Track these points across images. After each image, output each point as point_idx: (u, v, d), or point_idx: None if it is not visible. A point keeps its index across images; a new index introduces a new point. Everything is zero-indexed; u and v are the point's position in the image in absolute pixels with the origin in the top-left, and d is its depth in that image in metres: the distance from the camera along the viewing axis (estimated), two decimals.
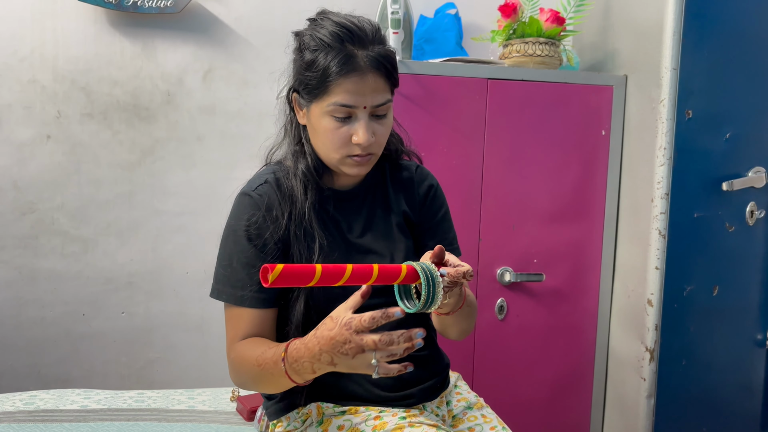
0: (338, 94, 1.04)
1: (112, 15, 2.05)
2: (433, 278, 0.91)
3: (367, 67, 1.04)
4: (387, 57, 1.07)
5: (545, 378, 2.01)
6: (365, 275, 0.88)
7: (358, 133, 1.06)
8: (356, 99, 1.05)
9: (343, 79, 1.03)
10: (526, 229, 1.94)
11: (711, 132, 1.85)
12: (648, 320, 1.85)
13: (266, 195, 1.14)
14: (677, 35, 1.75)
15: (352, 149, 1.08)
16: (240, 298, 1.11)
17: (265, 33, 2.15)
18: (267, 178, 1.17)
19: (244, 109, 2.17)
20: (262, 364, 1.02)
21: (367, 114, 1.07)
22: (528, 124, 1.90)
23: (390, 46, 1.11)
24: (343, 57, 1.03)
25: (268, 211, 1.12)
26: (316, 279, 0.85)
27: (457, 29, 2.14)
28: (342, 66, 1.03)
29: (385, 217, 1.22)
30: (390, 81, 1.09)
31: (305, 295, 1.12)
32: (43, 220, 2.08)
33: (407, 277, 0.91)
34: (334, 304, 1.13)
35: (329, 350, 0.93)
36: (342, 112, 1.05)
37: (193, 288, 2.18)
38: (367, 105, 1.06)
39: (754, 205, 1.92)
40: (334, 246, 1.16)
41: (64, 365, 2.14)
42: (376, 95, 1.06)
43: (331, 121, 1.07)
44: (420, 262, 0.93)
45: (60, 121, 2.06)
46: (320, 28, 1.07)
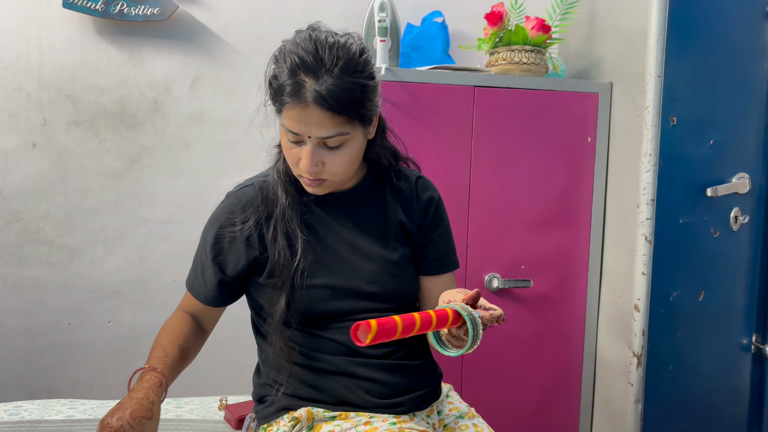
0: (286, 119, 1.05)
1: (99, 23, 2.05)
2: (476, 322, 0.94)
3: (311, 102, 1.01)
4: (337, 94, 1.01)
5: (534, 384, 2.02)
6: (428, 322, 0.92)
7: (302, 159, 1.07)
8: (300, 128, 1.04)
9: (289, 107, 1.03)
10: (513, 235, 1.95)
11: (695, 138, 1.87)
12: (635, 326, 1.86)
13: (245, 197, 1.18)
14: (661, 43, 1.77)
15: (301, 170, 1.09)
16: (190, 284, 1.25)
17: (253, 41, 2.15)
18: (255, 180, 1.21)
19: (231, 117, 2.16)
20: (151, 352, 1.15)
21: (313, 143, 1.05)
22: (515, 131, 1.92)
23: (360, 78, 1.04)
24: (292, 84, 1.02)
25: (242, 213, 1.16)
26: (399, 331, 0.89)
27: (444, 37, 2.15)
28: (288, 94, 1.02)
29: (381, 223, 1.22)
30: (343, 116, 1.03)
31: (287, 292, 1.14)
32: (29, 229, 2.06)
33: (453, 321, 0.95)
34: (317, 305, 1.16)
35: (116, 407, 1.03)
36: (291, 136, 1.06)
37: (181, 296, 2.14)
38: (311, 135, 1.04)
39: (738, 211, 1.94)
40: (323, 247, 1.17)
41: (49, 375, 2.12)
42: (320, 128, 1.03)
43: (286, 140, 1.08)
44: (461, 305, 0.96)
45: (45, 129, 2.05)
46: (292, 45, 1.06)
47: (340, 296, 1.16)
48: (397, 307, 1.21)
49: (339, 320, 1.16)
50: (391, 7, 1.99)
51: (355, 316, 1.16)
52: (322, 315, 1.16)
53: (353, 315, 1.16)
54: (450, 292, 1.06)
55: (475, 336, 0.94)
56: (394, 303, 1.20)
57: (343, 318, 1.16)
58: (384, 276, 1.18)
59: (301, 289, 1.14)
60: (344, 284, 1.16)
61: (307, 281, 1.14)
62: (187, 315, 1.25)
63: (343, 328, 1.15)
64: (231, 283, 1.20)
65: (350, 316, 1.16)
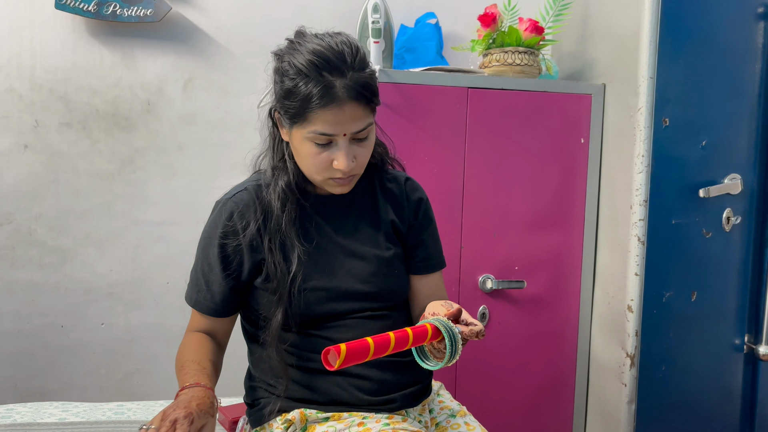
0: (317, 124, 1.05)
1: (91, 24, 2.04)
2: (455, 337, 0.97)
3: (346, 97, 1.04)
4: (366, 84, 1.06)
5: (527, 384, 2.02)
6: (404, 340, 0.95)
7: (339, 159, 1.08)
8: (336, 128, 1.05)
9: (322, 110, 1.03)
10: (507, 236, 1.95)
11: (687, 139, 1.88)
12: (628, 326, 1.87)
13: (241, 201, 1.17)
14: (654, 45, 1.78)
15: (333, 173, 1.10)
16: (194, 300, 1.21)
17: (246, 42, 2.15)
18: (248, 185, 1.20)
19: (224, 118, 2.16)
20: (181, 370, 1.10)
21: (347, 140, 1.08)
22: (508, 133, 1.92)
23: (370, 68, 1.10)
24: (321, 88, 1.02)
25: (240, 218, 1.15)
26: (371, 353, 0.91)
27: (438, 39, 2.16)
28: (320, 98, 1.03)
29: (373, 224, 1.23)
30: (370, 106, 1.08)
31: (284, 305, 1.14)
32: (20, 231, 2.05)
33: (433, 336, 0.97)
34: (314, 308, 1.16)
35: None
36: (322, 139, 1.07)
37: (174, 298, 2.16)
38: (347, 133, 1.07)
39: (730, 212, 1.95)
40: (317, 251, 1.18)
41: (41, 378, 2.11)
42: (355, 122, 1.06)
43: (312, 147, 1.08)
44: (441, 320, 0.99)
45: (38, 131, 2.04)
46: (297, 54, 1.06)
47: (336, 298, 1.17)
48: (391, 306, 1.23)
49: (334, 320, 1.17)
50: (384, 9, 1.99)
51: (351, 315, 1.18)
52: (318, 317, 1.17)
53: (349, 315, 1.18)
54: (435, 305, 1.08)
55: (453, 351, 0.96)
56: (389, 302, 1.22)
57: (338, 318, 1.18)
58: (378, 276, 1.20)
59: (297, 293, 1.14)
60: (339, 285, 1.17)
61: (302, 285, 1.15)
62: (202, 333, 1.21)
63: (338, 327, 1.17)
64: (242, 288, 1.19)
65: (346, 317, 1.18)
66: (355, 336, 1.14)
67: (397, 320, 1.23)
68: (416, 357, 1.02)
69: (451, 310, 1.02)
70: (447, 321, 0.98)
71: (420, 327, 0.97)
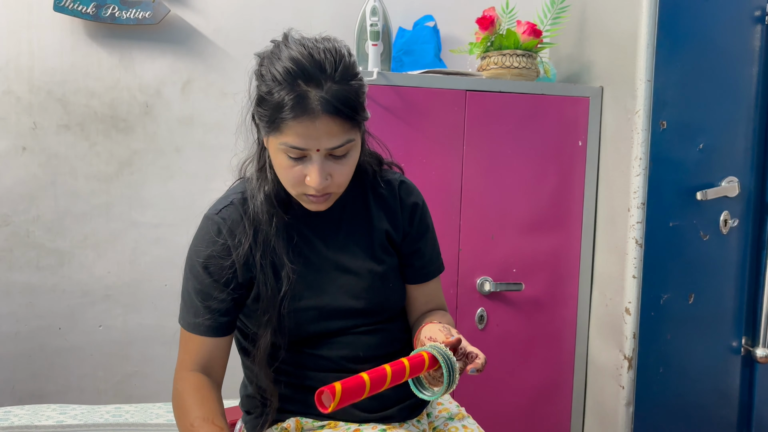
0: (289, 136, 0.96)
1: (90, 26, 2.04)
2: (453, 366, 0.93)
3: (319, 110, 0.94)
4: (345, 98, 0.96)
5: (525, 387, 2.02)
6: (401, 372, 0.90)
7: (311, 176, 0.99)
8: (307, 142, 0.96)
9: (294, 122, 0.95)
10: (505, 238, 1.95)
11: (685, 142, 1.88)
12: (626, 328, 1.87)
13: (229, 218, 1.10)
14: (651, 48, 1.78)
15: (306, 189, 1.02)
16: (193, 324, 1.10)
17: (244, 44, 2.15)
18: (233, 198, 1.13)
19: (222, 120, 2.16)
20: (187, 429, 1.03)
21: (321, 156, 0.99)
22: (506, 135, 1.92)
23: (357, 79, 1.00)
24: (294, 97, 0.94)
25: (230, 236, 1.08)
26: (367, 390, 0.86)
27: (436, 41, 2.16)
28: (291, 108, 0.94)
29: (365, 236, 1.17)
30: (351, 121, 0.98)
31: (273, 326, 1.09)
32: (18, 233, 2.05)
33: (430, 365, 0.93)
34: (305, 327, 1.12)
35: None
36: (294, 153, 0.98)
37: (172, 300, 2.16)
38: (320, 148, 0.98)
39: (727, 214, 1.95)
40: (307, 268, 1.12)
41: (39, 380, 2.11)
42: (330, 138, 0.97)
43: (285, 159, 1.00)
44: (439, 348, 0.94)
45: (36, 133, 2.04)
46: (276, 59, 0.98)
47: (328, 316, 1.12)
48: (386, 319, 1.18)
49: (328, 338, 1.14)
50: (382, 12, 2.00)
51: (345, 333, 1.14)
52: (310, 336, 1.13)
53: (342, 333, 1.14)
54: (433, 329, 1.04)
55: (450, 381, 0.92)
56: (382, 316, 1.18)
57: (332, 336, 1.14)
58: (371, 290, 1.15)
59: (287, 313, 1.10)
60: (331, 303, 1.12)
61: (293, 305, 1.10)
62: (198, 375, 1.10)
63: (332, 344, 1.13)
64: (240, 301, 1.12)
65: (339, 335, 1.14)
66: (350, 353, 1.12)
67: (393, 332, 1.19)
68: (412, 386, 0.97)
69: (450, 339, 0.96)
70: (445, 349, 0.93)
71: (417, 357, 0.92)
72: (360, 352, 1.13)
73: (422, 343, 1.03)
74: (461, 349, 0.98)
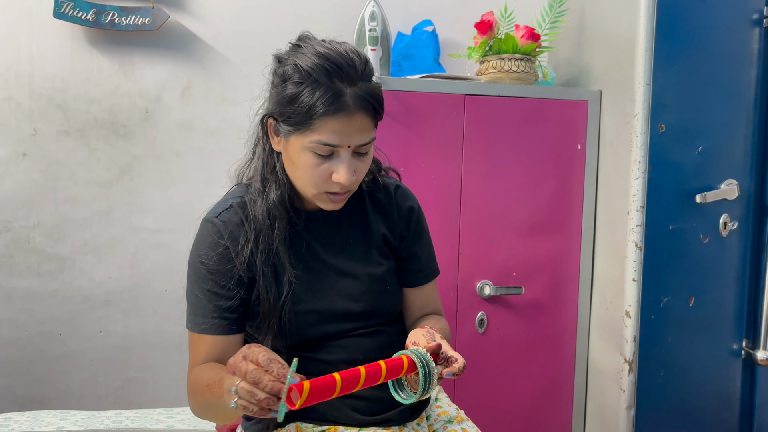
0: (323, 133, 0.99)
1: (90, 32, 2.05)
2: (430, 371, 0.93)
3: (355, 107, 0.98)
4: (375, 95, 1.02)
5: (526, 390, 2.02)
6: (376, 374, 0.90)
7: (340, 172, 1.02)
8: (341, 138, 0.99)
9: (330, 118, 0.97)
10: (504, 242, 1.95)
11: (684, 145, 1.89)
12: (626, 332, 1.87)
13: (230, 222, 1.10)
14: (649, 51, 1.79)
15: (330, 186, 1.04)
16: (202, 326, 1.09)
17: (244, 50, 2.16)
18: (232, 202, 1.13)
19: (222, 126, 2.16)
20: (211, 385, 0.98)
21: (350, 152, 1.02)
22: (505, 139, 1.93)
23: (376, 81, 1.05)
24: (332, 95, 0.97)
25: (232, 240, 1.09)
26: (338, 390, 0.86)
27: (435, 46, 2.16)
28: (329, 105, 0.97)
29: (363, 240, 1.19)
30: (376, 118, 1.04)
31: (273, 332, 1.09)
32: (19, 239, 2.06)
33: (409, 369, 0.94)
34: (305, 331, 1.12)
35: None
36: (325, 150, 1.01)
37: (172, 305, 2.16)
38: (351, 144, 1.01)
39: (727, 217, 1.95)
40: (307, 272, 1.13)
41: (39, 386, 2.11)
42: (362, 135, 1.01)
43: (312, 157, 1.02)
44: (419, 352, 0.94)
45: (36, 139, 2.04)
46: (303, 57, 1.00)
47: (328, 320, 1.13)
48: (384, 322, 1.19)
49: (327, 342, 1.14)
50: (381, 17, 2.00)
51: (344, 336, 1.15)
52: (311, 340, 1.13)
53: (341, 336, 1.15)
54: (416, 334, 1.04)
55: (426, 386, 0.93)
56: (381, 319, 1.19)
57: (331, 339, 1.14)
58: (370, 294, 1.16)
59: (287, 317, 1.10)
60: (330, 307, 1.13)
61: (293, 308, 1.11)
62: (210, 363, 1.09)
63: (331, 348, 1.14)
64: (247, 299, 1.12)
65: (338, 338, 1.15)
66: (348, 356, 1.13)
67: (391, 335, 1.20)
68: (390, 388, 0.98)
69: (431, 344, 0.97)
70: (425, 353, 0.94)
71: (395, 360, 0.93)
72: (359, 355, 1.14)
73: (406, 347, 1.03)
74: (442, 354, 0.99)
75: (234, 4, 2.14)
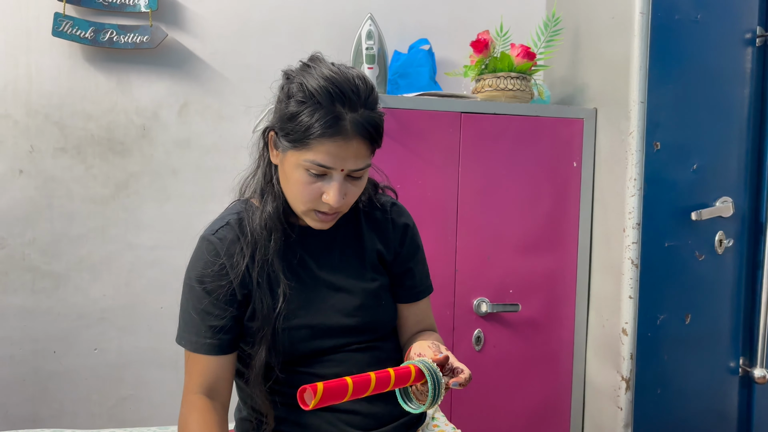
0: (318, 154, 1.00)
1: (88, 50, 2.06)
2: (439, 381, 0.95)
3: (353, 133, 0.99)
4: (375, 124, 1.02)
5: (523, 408, 2.01)
6: (386, 381, 0.92)
7: (330, 193, 1.03)
8: (335, 161, 1.00)
9: (326, 140, 0.98)
10: (501, 259, 1.95)
11: (679, 163, 1.90)
12: (623, 349, 1.86)
13: (226, 239, 1.11)
14: (644, 70, 1.80)
15: (319, 205, 1.06)
16: (196, 344, 1.10)
17: (241, 68, 2.17)
18: (229, 219, 1.14)
19: (219, 143, 2.17)
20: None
21: (342, 176, 1.03)
22: (501, 157, 1.93)
23: (380, 110, 1.06)
24: (331, 118, 0.98)
25: (228, 257, 1.10)
26: (349, 393, 0.88)
27: (431, 64, 2.18)
28: (327, 127, 0.98)
29: (357, 256, 1.19)
30: (374, 146, 1.05)
31: (267, 343, 1.10)
32: (13, 256, 2.05)
33: (416, 378, 0.95)
34: (298, 346, 1.12)
35: None
36: (318, 170, 1.02)
37: (167, 323, 2.15)
38: (345, 168, 1.02)
39: (722, 234, 1.96)
40: (301, 287, 1.13)
41: (33, 404, 2.09)
42: (356, 160, 1.02)
43: (305, 175, 1.03)
44: (426, 363, 0.96)
45: (32, 156, 2.04)
46: (310, 77, 1.01)
47: (321, 335, 1.13)
48: (378, 337, 1.19)
49: (321, 357, 1.14)
50: (378, 35, 2.02)
51: (337, 351, 1.14)
52: (304, 354, 1.13)
53: (335, 351, 1.15)
54: (422, 345, 1.05)
55: (436, 396, 0.94)
56: (375, 334, 1.19)
57: (325, 354, 1.14)
58: (364, 308, 1.16)
59: (281, 332, 1.10)
60: (324, 322, 1.14)
61: (286, 323, 1.11)
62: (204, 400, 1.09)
63: (325, 363, 1.14)
64: (240, 318, 1.12)
65: (332, 353, 1.14)
66: (343, 371, 1.12)
67: (385, 351, 1.20)
68: (398, 397, 1.00)
69: (438, 356, 0.99)
70: (432, 364, 0.96)
71: (403, 368, 0.94)
72: (353, 370, 1.13)
73: (411, 358, 1.05)
74: (448, 365, 1.00)
75: (231, 22, 2.16)
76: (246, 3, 2.17)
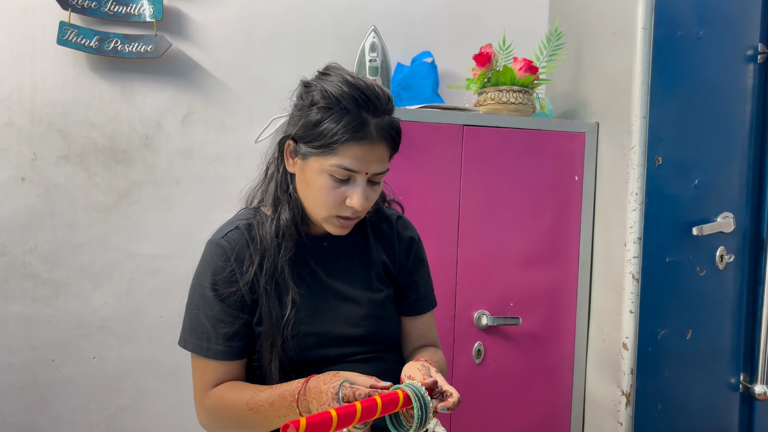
0: (345, 158, 1.03)
1: (92, 59, 2.07)
2: (426, 405, 0.95)
3: (378, 137, 1.04)
4: (397, 129, 1.08)
5: (523, 422, 2.00)
6: (372, 410, 0.92)
7: (354, 198, 1.06)
8: (361, 165, 1.04)
9: (354, 144, 1.02)
10: (502, 272, 1.95)
11: (680, 178, 1.90)
12: (624, 364, 1.86)
13: (236, 243, 1.12)
14: (646, 85, 1.81)
15: (342, 210, 1.08)
16: (206, 349, 1.11)
17: (244, 78, 2.18)
18: (238, 224, 1.15)
19: (222, 153, 2.17)
20: (255, 407, 1.03)
21: (365, 179, 1.07)
22: (503, 170, 1.94)
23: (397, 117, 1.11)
24: (358, 123, 1.02)
25: (238, 261, 1.10)
26: (334, 425, 0.87)
27: (434, 77, 2.19)
28: (355, 132, 1.02)
29: (363, 266, 1.20)
30: (394, 150, 1.10)
31: (278, 355, 1.10)
32: (14, 264, 2.05)
33: (404, 403, 0.95)
34: (304, 354, 1.12)
35: (317, 401, 0.95)
36: (343, 174, 1.05)
37: (167, 332, 2.15)
38: (369, 172, 1.06)
39: (723, 250, 1.96)
40: (308, 295, 1.14)
41: (30, 413, 2.08)
42: (379, 164, 1.06)
43: (329, 180, 1.06)
44: (414, 387, 0.96)
45: (36, 164, 2.05)
46: (332, 85, 1.04)
47: (327, 343, 1.14)
48: (382, 348, 1.20)
49: (325, 366, 1.14)
50: (381, 48, 2.03)
51: (342, 361, 1.15)
52: (309, 363, 1.14)
53: (339, 360, 1.15)
54: (412, 367, 1.06)
55: (422, 421, 0.94)
56: (380, 345, 1.19)
57: (329, 363, 1.15)
58: (370, 319, 1.17)
59: (288, 339, 1.11)
60: (330, 330, 1.14)
61: (294, 330, 1.12)
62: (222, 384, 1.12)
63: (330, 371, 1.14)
64: (250, 324, 1.13)
65: (336, 362, 1.15)
66: None
67: (389, 362, 1.21)
68: (388, 422, 0.99)
69: (427, 381, 0.99)
70: (420, 388, 0.96)
71: (391, 394, 0.94)
72: None
73: (402, 380, 1.04)
74: (438, 389, 1.00)
75: (236, 33, 2.17)
76: (251, 14, 2.18)
